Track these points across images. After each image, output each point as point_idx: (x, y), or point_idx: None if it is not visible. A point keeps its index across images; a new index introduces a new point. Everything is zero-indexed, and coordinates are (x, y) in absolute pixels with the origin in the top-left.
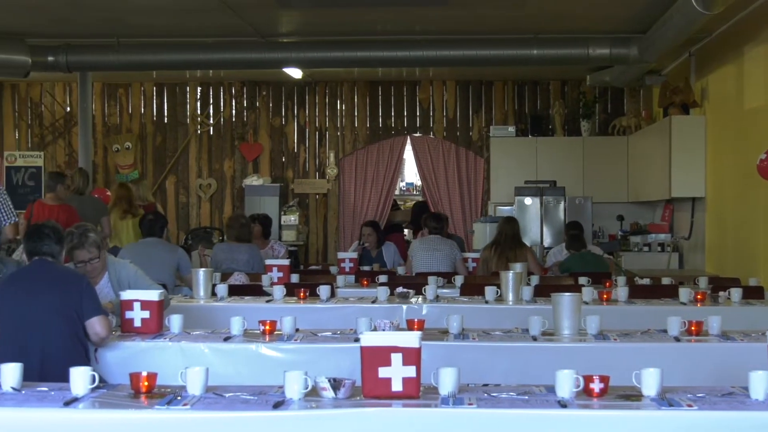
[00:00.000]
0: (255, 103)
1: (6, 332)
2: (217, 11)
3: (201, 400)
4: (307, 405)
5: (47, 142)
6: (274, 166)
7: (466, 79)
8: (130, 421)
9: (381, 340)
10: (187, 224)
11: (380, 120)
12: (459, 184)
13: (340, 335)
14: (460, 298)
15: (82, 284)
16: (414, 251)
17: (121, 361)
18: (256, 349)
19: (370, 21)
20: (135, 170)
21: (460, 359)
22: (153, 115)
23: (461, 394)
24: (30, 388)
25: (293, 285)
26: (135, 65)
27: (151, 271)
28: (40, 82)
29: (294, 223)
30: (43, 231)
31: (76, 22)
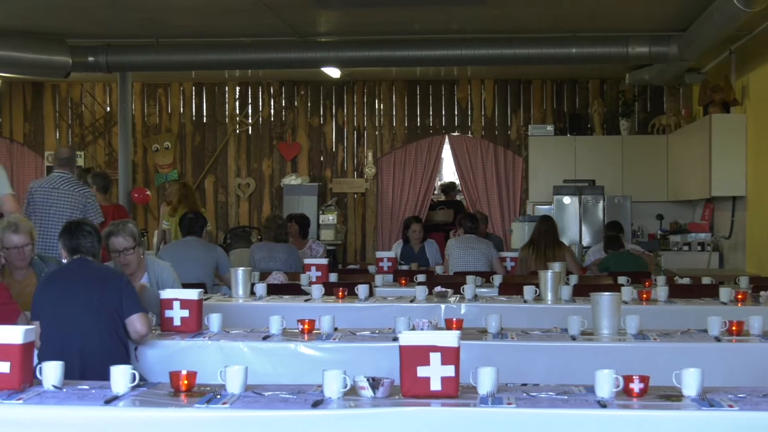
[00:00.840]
0: (293, 102)
1: (47, 330)
2: (256, 11)
3: (240, 398)
4: (345, 404)
5: (87, 141)
6: (312, 166)
7: (504, 77)
8: (170, 420)
9: (420, 340)
10: (226, 224)
11: (418, 119)
12: (497, 184)
13: (378, 334)
14: (499, 298)
15: (122, 282)
16: (450, 250)
17: (161, 359)
18: (294, 348)
19: (408, 20)
20: (174, 170)
21: (498, 359)
22: (192, 114)
23: (500, 394)
24: (71, 386)
25: (332, 284)
26: (174, 65)
27: (190, 270)
28: (80, 82)
29: (332, 222)
30: (84, 229)
31: (116, 22)
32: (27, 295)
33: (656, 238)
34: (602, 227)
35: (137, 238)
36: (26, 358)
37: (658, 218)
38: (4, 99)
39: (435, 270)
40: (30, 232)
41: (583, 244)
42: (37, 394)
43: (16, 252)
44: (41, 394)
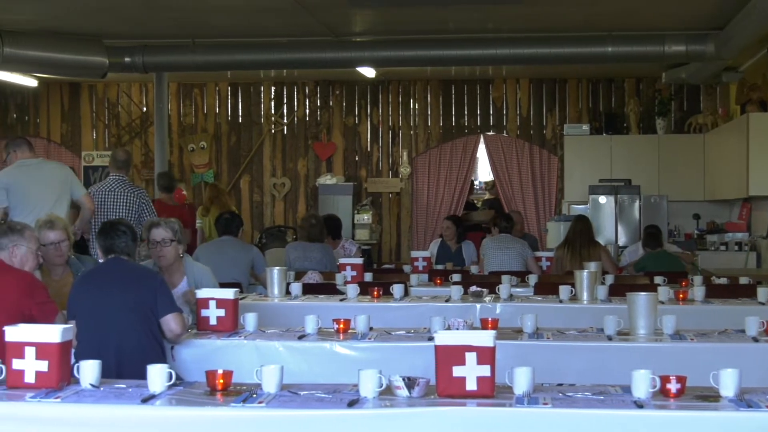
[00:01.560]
0: (328, 102)
1: (83, 330)
2: (291, 11)
3: (276, 398)
4: (381, 404)
5: (124, 142)
6: (347, 165)
7: (539, 77)
8: (206, 419)
9: (455, 339)
10: (261, 223)
11: (453, 119)
12: (533, 183)
13: (413, 334)
14: (534, 297)
15: (157, 281)
16: (486, 249)
17: (197, 358)
18: (330, 347)
19: (443, 19)
20: (210, 169)
21: (534, 359)
22: (228, 114)
23: (536, 394)
24: (108, 385)
25: (367, 284)
26: (210, 65)
27: (226, 270)
28: (117, 82)
29: (367, 222)
30: (119, 228)
31: (152, 23)
32: (64, 295)
33: (693, 237)
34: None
35: (177, 235)
36: (64, 357)
37: (694, 218)
38: (42, 99)
39: (470, 270)
40: (65, 229)
41: (619, 244)
42: (74, 393)
43: (53, 248)
44: (79, 392)
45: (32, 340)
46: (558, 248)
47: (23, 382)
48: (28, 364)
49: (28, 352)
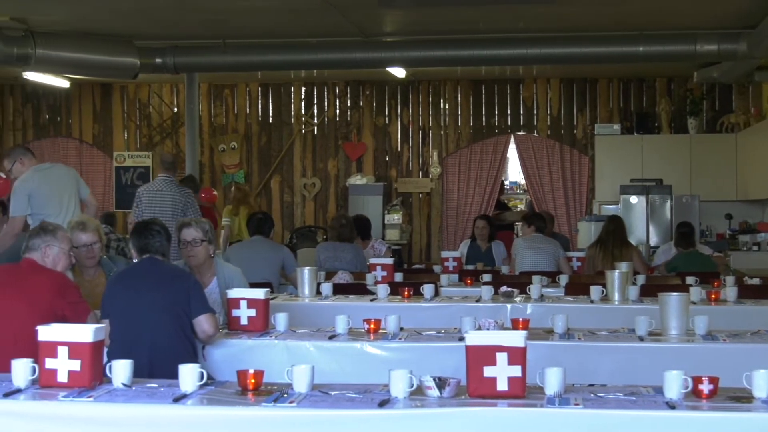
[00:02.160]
0: (358, 102)
1: (116, 329)
2: (321, 11)
3: (307, 397)
4: (412, 404)
5: (155, 142)
6: (377, 165)
7: (570, 76)
8: (237, 418)
9: (486, 340)
10: (292, 223)
11: (484, 119)
12: (563, 183)
13: (444, 334)
14: (565, 298)
15: (190, 282)
16: (517, 249)
17: (228, 358)
18: (361, 347)
19: (473, 19)
20: (241, 170)
21: (565, 359)
22: (258, 115)
23: (567, 394)
24: (140, 384)
25: (397, 284)
26: (240, 66)
27: (257, 270)
28: (148, 83)
29: (397, 222)
30: (153, 228)
31: (183, 24)
32: (96, 294)
33: (725, 237)
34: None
35: (207, 235)
36: (96, 357)
37: (726, 218)
38: (74, 100)
39: (501, 270)
40: (97, 230)
41: (650, 244)
42: (107, 392)
43: (85, 250)
44: (111, 392)
45: (65, 339)
46: (590, 248)
47: (56, 381)
48: (60, 363)
49: (60, 351)
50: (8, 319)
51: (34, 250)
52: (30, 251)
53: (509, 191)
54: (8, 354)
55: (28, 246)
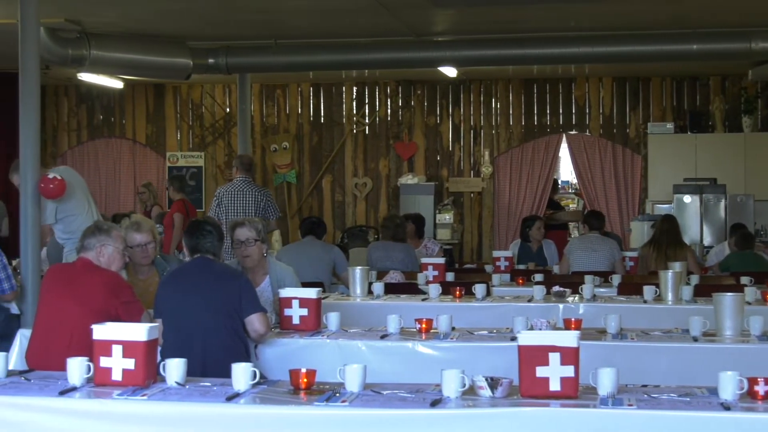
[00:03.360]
0: (410, 102)
1: (169, 328)
2: (372, 11)
3: (359, 397)
4: (464, 404)
5: (207, 142)
6: (428, 165)
7: (622, 75)
8: (290, 417)
9: (539, 340)
10: (343, 223)
11: (535, 118)
12: (615, 182)
13: (496, 334)
14: (618, 298)
15: (241, 281)
16: (571, 250)
17: (280, 357)
18: (412, 347)
19: (524, 18)
20: (292, 170)
21: (618, 359)
22: (310, 115)
23: (620, 395)
24: (193, 383)
25: (449, 283)
26: (292, 66)
27: (308, 270)
28: (200, 83)
29: (449, 221)
30: (204, 228)
31: (235, 24)
32: (150, 294)
33: None
34: (724, 227)
35: (261, 234)
36: (150, 355)
37: None
38: (127, 101)
39: (552, 269)
40: (151, 231)
41: (704, 244)
42: (160, 391)
43: (140, 250)
44: (165, 390)
45: (119, 338)
46: (643, 247)
47: (110, 379)
48: (115, 362)
49: (115, 350)
50: (63, 318)
51: (89, 249)
52: (85, 250)
53: (561, 190)
54: (64, 352)
55: (83, 245)
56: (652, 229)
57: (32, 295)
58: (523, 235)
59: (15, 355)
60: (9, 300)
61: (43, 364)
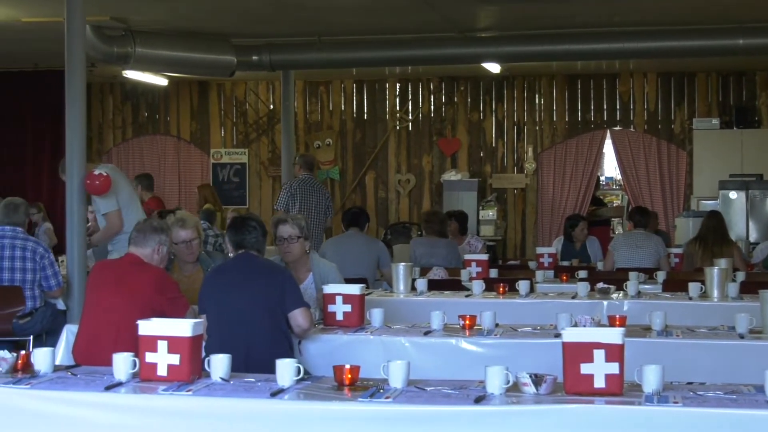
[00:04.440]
0: (453, 98)
1: (213, 324)
2: (415, 7)
3: (403, 393)
4: (508, 400)
5: (251, 139)
6: (472, 161)
7: (667, 70)
8: (334, 413)
9: (583, 336)
10: (386, 219)
11: (579, 114)
12: (660, 179)
13: (540, 330)
14: (663, 294)
15: (284, 277)
16: (616, 246)
17: (324, 353)
18: (456, 343)
19: (569, 13)
20: (335, 166)
21: (663, 356)
22: (353, 111)
23: (666, 392)
24: (237, 379)
25: (492, 280)
26: (336, 63)
27: (352, 265)
28: (244, 81)
29: (492, 218)
30: (249, 224)
31: (279, 21)
32: (195, 290)
33: None
34: None
35: (303, 231)
36: (195, 351)
37: None
38: (172, 98)
39: (596, 266)
40: (196, 227)
41: (750, 240)
42: (205, 386)
43: (184, 246)
44: (209, 386)
45: (164, 334)
46: (689, 244)
47: (156, 375)
48: (160, 357)
49: (160, 345)
50: (109, 314)
51: (145, 246)
52: (139, 247)
53: (605, 187)
54: (110, 348)
55: (138, 241)
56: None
57: (78, 290)
58: (566, 233)
59: (62, 350)
60: (56, 296)
61: (89, 360)
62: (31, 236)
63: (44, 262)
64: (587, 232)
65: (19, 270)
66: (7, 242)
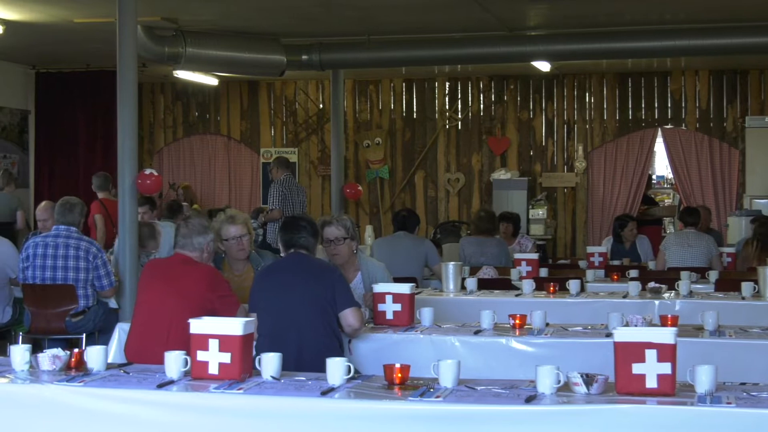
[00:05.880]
0: (502, 97)
1: (264, 323)
2: (465, 6)
3: (453, 392)
4: (559, 400)
5: (301, 138)
6: (521, 160)
7: (719, 68)
8: (384, 412)
9: (635, 336)
10: (436, 218)
11: (630, 112)
12: (712, 177)
13: (590, 330)
14: (715, 294)
15: (335, 276)
16: (667, 246)
17: (374, 352)
18: (506, 342)
19: (619, 11)
20: (385, 165)
21: (715, 356)
22: (402, 110)
23: (718, 393)
24: (288, 377)
25: (542, 279)
26: (385, 62)
27: (400, 264)
28: (294, 80)
29: (542, 217)
30: (300, 224)
31: (328, 20)
32: (245, 289)
33: None
34: None
35: (350, 232)
36: (246, 350)
37: None
38: (222, 98)
39: (647, 265)
40: (246, 223)
41: None
42: (256, 385)
43: (235, 242)
44: (260, 384)
45: (216, 332)
46: (745, 244)
47: (207, 373)
48: (211, 355)
49: (212, 344)
50: (161, 312)
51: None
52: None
53: (656, 186)
54: (161, 346)
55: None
56: (751, 225)
57: (130, 289)
58: (615, 233)
59: (114, 348)
60: (108, 296)
61: (141, 358)
62: (85, 236)
63: (97, 262)
64: (636, 231)
65: (72, 269)
66: (62, 241)
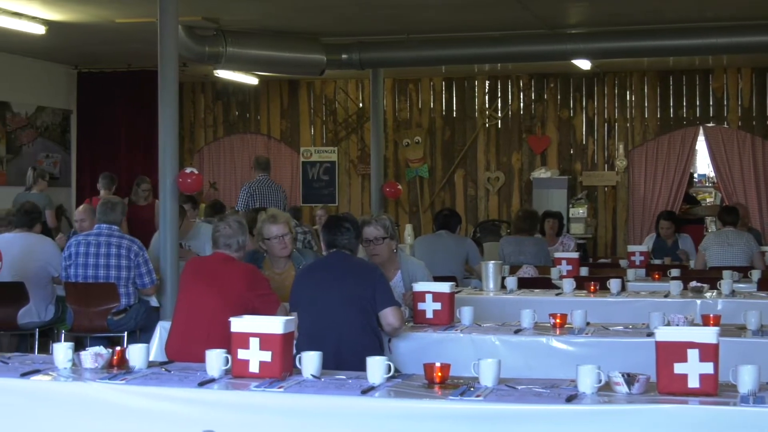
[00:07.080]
0: (543, 95)
1: (304, 322)
2: (504, 4)
3: (493, 392)
4: (600, 399)
5: (340, 137)
6: (561, 159)
7: (762, 65)
8: (424, 411)
9: (677, 336)
10: (476, 217)
11: (671, 110)
12: (755, 176)
13: (632, 329)
14: (758, 293)
15: (376, 275)
16: (707, 245)
17: (414, 351)
18: (546, 342)
19: (659, 9)
20: (424, 164)
21: (758, 356)
22: (442, 109)
23: (762, 393)
24: (328, 376)
25: (583, 278)
26: (425, 60)
27: (441, 263)
28: (333, 79)
29: (582, 215)
30: (342, 225)
31: (367, 19)
32: (286, 288)
33: None
34: None
35: (389, 231)
36: (287, 348)
37: None
38: (262, 97)
39: (689, 264)
40: (287, 222)
41: None
42: (296, 383)
43: (277, 241)
44: (301, 383)
45: (256, 331)
46: None
47: (248, 371)
48: (252, 354)
49: (252, 342)
50: (202, 311)
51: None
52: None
53: (698, 184)
54: (202, 344)
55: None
56: None
57: (171, 287)
58: (657, 230)
59: (155, 346)
60: (150, 294)
61: (182, 356)
62: (126, 235)
63: (138, 260)
64: (672, 230)
65: (114, 267)
66: (103, 240)
